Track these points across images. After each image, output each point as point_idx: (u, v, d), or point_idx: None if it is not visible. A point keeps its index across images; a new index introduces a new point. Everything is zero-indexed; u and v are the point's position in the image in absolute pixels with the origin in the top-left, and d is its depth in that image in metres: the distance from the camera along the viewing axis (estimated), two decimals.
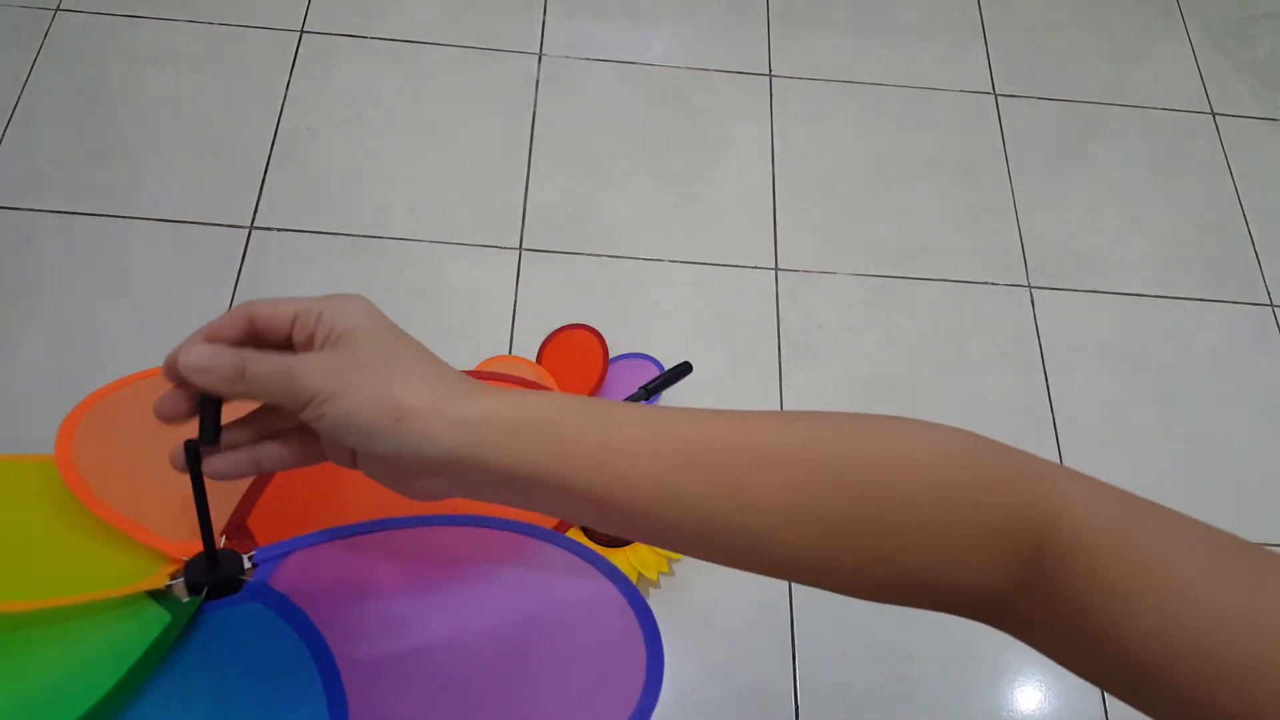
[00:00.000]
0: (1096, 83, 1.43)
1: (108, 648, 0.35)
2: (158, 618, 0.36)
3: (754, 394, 1.11)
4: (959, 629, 1.05)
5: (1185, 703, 0.27)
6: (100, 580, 0.38)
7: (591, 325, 1.12)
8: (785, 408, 1.10)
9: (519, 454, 0.31)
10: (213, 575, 0.38)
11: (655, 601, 0.97)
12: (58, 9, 1.28)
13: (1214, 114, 1.42)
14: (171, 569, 0.39)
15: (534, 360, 1.10)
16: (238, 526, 0.44)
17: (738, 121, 1.32)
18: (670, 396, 1.09)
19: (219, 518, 0.40)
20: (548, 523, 0.44)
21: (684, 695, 0.93)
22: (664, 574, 0.98)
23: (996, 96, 1.39)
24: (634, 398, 0.94)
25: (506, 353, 1.10)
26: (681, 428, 0.32)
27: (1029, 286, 1.23)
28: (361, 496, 0.44)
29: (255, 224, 1.15)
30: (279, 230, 1.15)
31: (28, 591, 0.36)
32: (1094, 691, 0.98)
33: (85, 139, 1.19)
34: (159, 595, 0.37)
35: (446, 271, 1.15)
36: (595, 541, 0.97)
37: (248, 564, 0.40)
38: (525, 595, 0.40)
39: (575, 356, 1.10)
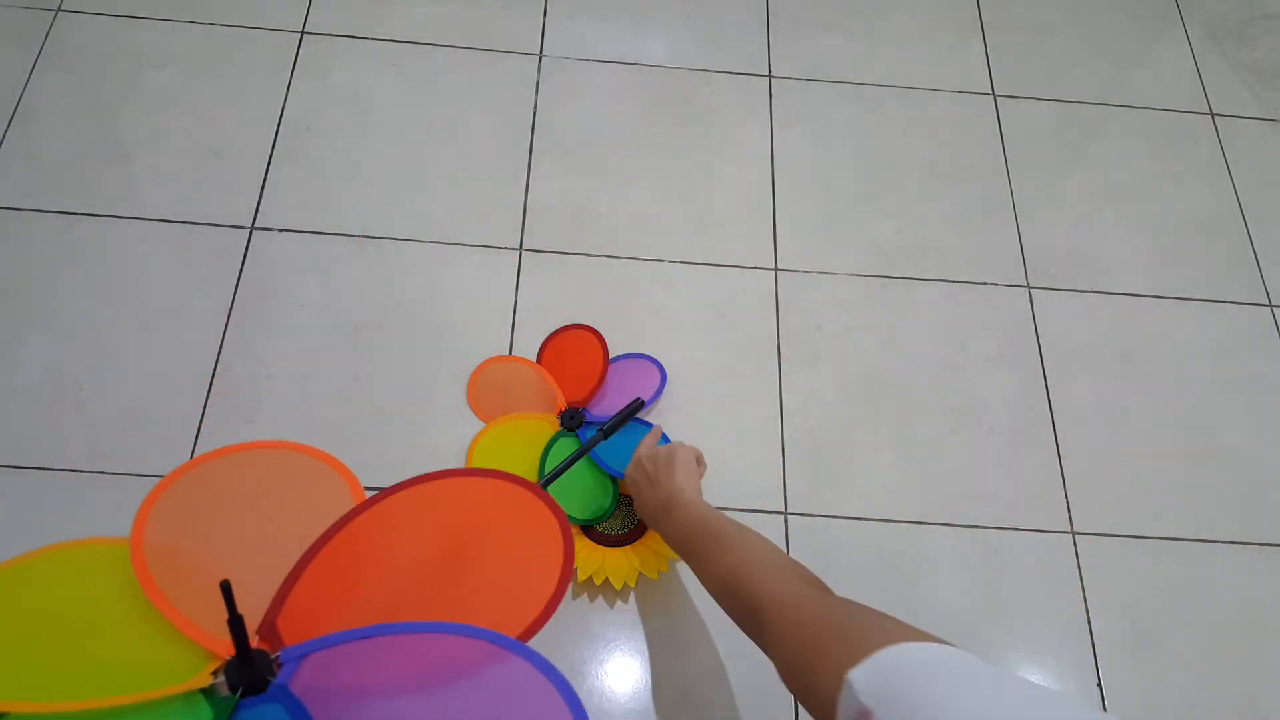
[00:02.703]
0: (1096, 83, 1.43)
1: None
2: (202, 712, 0.46)
3: (754, 394, 1.12)
4: (958, 628, 1.06)
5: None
6: (155, 670, 0.47)
7: (591, 325, 1.12)
8: (785, 408, 1.11)
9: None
10: (246, 675, 0.47)
11: (655, 601, 0.97)
12: (59, 9, 1.28)
13: (1213, 114, 1.42)
14: (215, 665, 0.48)
15: (534, 361, 1.10)
16: (269, 627, 0.53)
17: (738, 122, 1.32)
18: (674, 395, 1.09)
19: (255, 618, 0.51)
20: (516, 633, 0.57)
21: (684, 695, 0.93)
22: (664, 573, 0.98)
23: (996, 97, 1.39)
24: (593, 441, 1.01)
25: (507, 353, 1.10)
26: (698, 525, 0.80)
27: (1028, 287, 1.23)
28: (375, 598, 0.56)
29: (255, 224, 1.15)
30: (279, 230, 1.15)
31: (90, 681, 0.45)
32: (1093, 691, 0.98)
33: (85, 139, 1.19)
34: (205, 690, 0.48)
35: (446, 271, 1.15)
36: (597, 541, 0.97)
37: (275, 663, 0.49)
38: (488, 693, 0.51)
39: (576, 357, 1.10)
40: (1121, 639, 1.02)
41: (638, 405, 1.03)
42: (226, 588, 0.45)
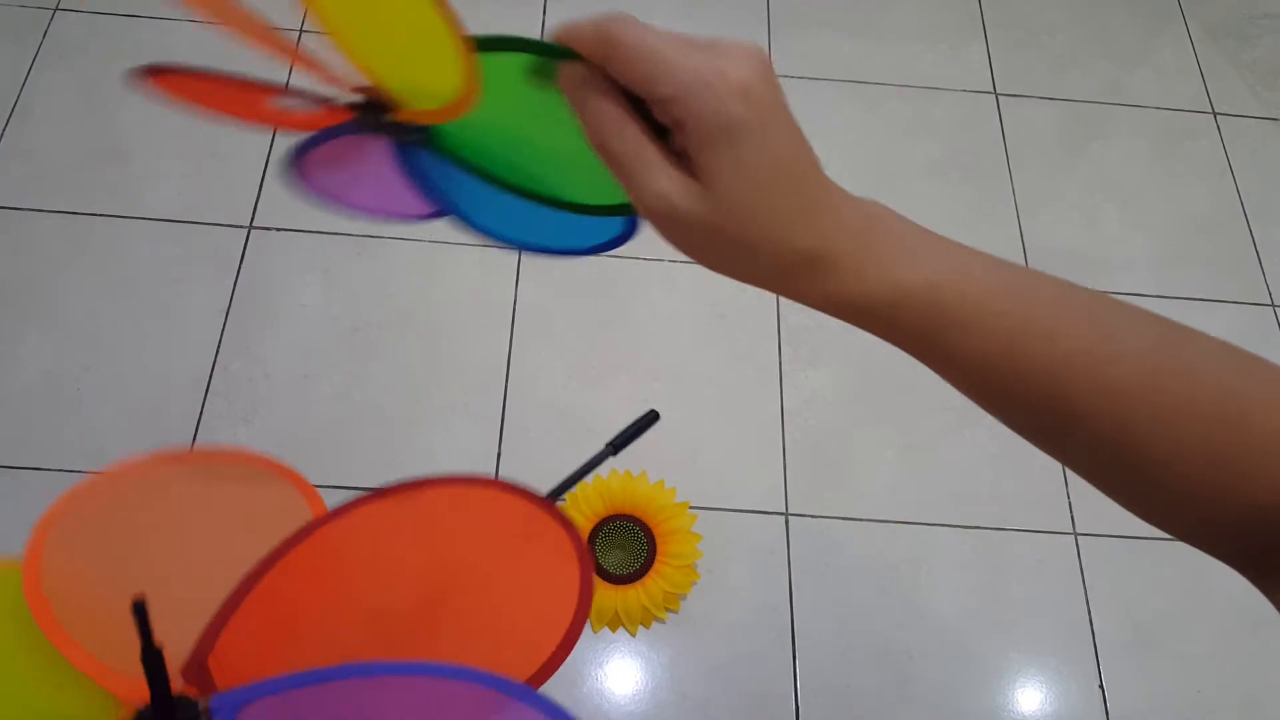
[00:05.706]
0: (1097, 83, 1.42)
1: None
2: None
3: (754, 394, 1.11)
4: (959, 629, 1.05)
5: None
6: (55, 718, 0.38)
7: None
8: (785, 408, 1.10)
9: (910, 337, 0.32)
10: None
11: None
12: (57, 8, 1.28)
13: (1214, 114, 1.41)
14: (126, 717, 0.38)
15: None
16: (198, 666, 0.41)
17: None
18: (674, 395, 1.09)
19: (179, 654, 0.39)
20: (522, 675, 0.40)
21: (684, 695, 0.93)
22: (659, 620, 0.96)
23: (997, 96, 1.39)
24: (599, 456, 0.91)
25: (505, 354, 1.10)
26: (1050, 285, 0.33)
27: None
28: (335, 631, 0.43)
29: (255, 224, 1.15)
30: (278, 230, 1.15)
31: None
32: (1094, 692, 0.98)
33: (85, 139, 1.19)
34: None
35: (446, 271, 1.15)
36: (606, 580, 0.95)
37: (203, 713, 0.38)
38: None
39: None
40: (1123, 639, 1.01)
41: (653, 417, 0.94)
42: (140, 609, 0.34)
